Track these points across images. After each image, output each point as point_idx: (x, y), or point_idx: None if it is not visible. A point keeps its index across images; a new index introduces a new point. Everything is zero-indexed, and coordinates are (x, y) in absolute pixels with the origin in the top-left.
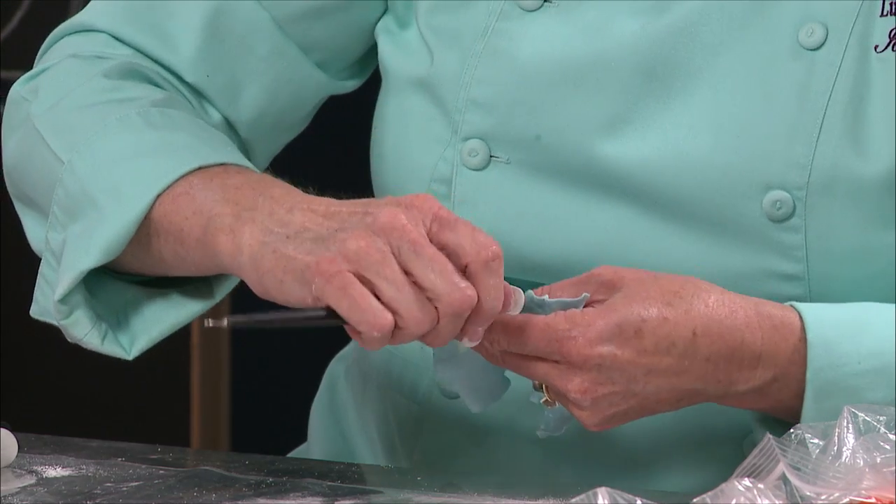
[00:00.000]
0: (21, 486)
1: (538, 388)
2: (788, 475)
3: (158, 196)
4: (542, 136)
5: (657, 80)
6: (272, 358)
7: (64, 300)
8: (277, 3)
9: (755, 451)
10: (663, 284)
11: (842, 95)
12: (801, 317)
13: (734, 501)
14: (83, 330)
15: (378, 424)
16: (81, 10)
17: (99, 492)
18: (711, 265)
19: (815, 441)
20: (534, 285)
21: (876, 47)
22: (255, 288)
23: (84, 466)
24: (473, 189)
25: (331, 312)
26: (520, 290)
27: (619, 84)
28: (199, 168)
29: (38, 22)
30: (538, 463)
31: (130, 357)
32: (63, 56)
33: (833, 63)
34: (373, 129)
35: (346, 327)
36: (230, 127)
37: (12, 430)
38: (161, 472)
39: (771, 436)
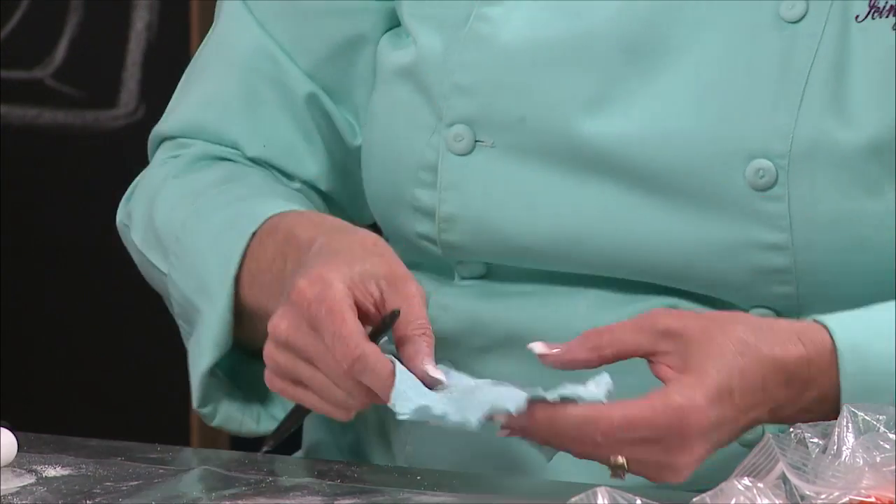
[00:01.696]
0: (20, 485)
1: (616, 471)
2: (788, 474)
3: (237, 279)
4: (526, 118)
5: (639, 56)
6: None
7: (203, 405)
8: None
9: (755, 451)
10: (728, 332)
11: (824, 65)
12: (827, 329)
13: (734, 501)
14: (236, 423)
15: (372, 417)
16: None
17: (98, 491)
18: (697, 237)
19: (815, 440)
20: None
21: (857, 17)
22: None
23: (84, 466)
24: (459, 174)
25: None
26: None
27: (601, 62)
28: (254, 234)
29: (38, 22)
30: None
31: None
32: (143, 173)
33: (814, 34)
34: (363, 127)
35: None
36: (311, 187)
37: (12, 429)
38: (161, 471)
39: (770, 435)
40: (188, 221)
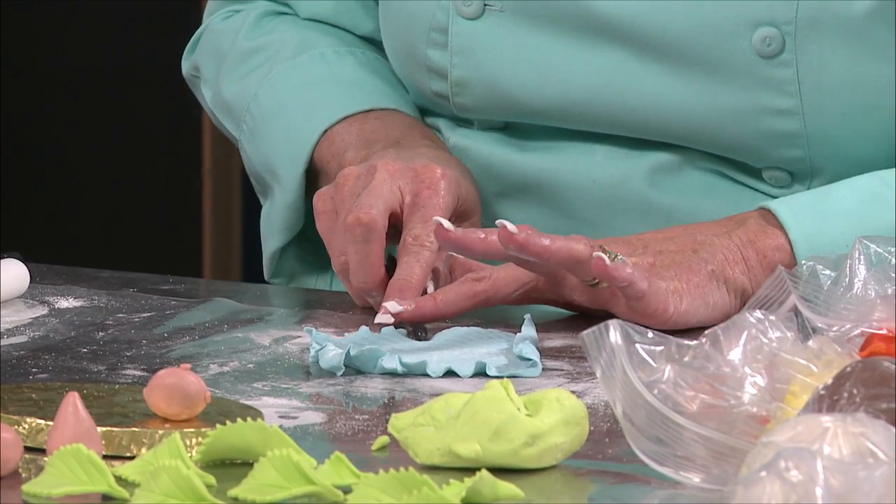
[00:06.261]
0: (33, 316)
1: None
2: (800, 307)
3: (306, 170)
4: None
5: None
6: None
7: (275, 276)
8: None
9: (767, 283)
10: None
11: None
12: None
13: (745, 333)
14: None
15: None
16: None
17: (111, 322)
18: (706, 104)
19: (827, 273)
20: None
21: None
22: None
23: (96, 297)
24: (469, 38)
25: None
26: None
27: None
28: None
29: None
30: None
31: None
32: (206, 24)
33: None
34: None
35: None
36: (368, 40)
37: (24, 260)
38: (173, 302)
39: (782, 267)
40: (261, 95)
